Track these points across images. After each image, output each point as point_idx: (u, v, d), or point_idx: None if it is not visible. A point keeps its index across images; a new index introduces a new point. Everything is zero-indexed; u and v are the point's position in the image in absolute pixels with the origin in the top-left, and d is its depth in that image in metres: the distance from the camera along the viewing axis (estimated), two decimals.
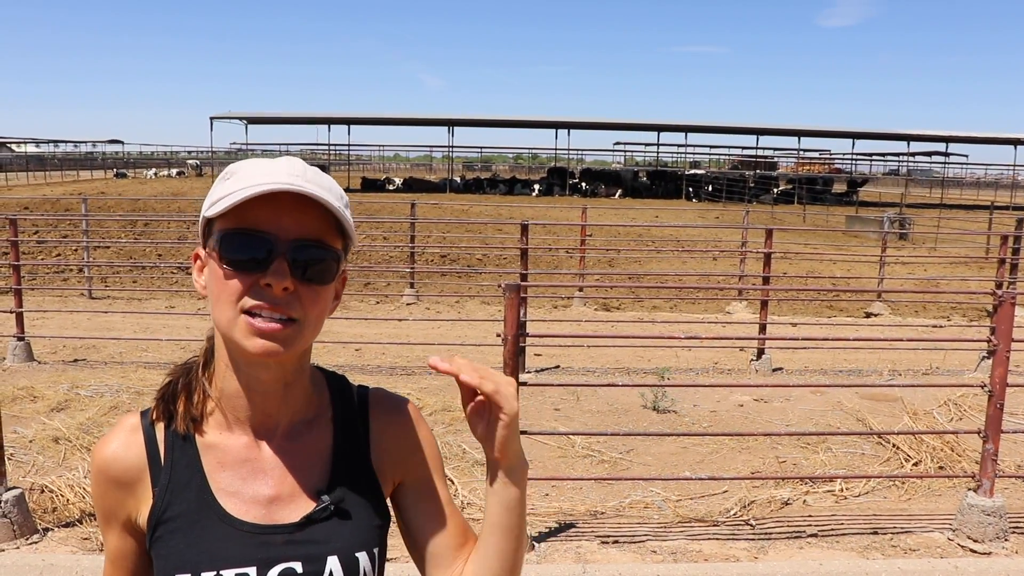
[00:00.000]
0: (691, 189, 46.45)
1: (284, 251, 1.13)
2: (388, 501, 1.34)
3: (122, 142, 71.79)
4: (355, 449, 1.31)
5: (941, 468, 6.17)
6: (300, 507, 1.24)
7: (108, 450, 1.25)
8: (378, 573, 1.28)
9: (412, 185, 47.73)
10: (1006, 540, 4.90)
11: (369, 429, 1.34)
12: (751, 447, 6.67)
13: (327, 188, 1.16)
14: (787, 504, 5.53)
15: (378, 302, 13.57)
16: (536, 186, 47.77)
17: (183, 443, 1.24)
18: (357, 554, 1.24)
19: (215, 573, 1.18)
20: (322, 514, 1.24)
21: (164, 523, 1.21)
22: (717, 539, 4.99)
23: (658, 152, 61.38)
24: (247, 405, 1.24)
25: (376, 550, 1.27)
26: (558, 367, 9.50)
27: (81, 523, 4.94)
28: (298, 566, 1.21)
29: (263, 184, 1.11)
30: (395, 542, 1.34)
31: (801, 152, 57.18)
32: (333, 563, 1.22)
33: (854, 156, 60.56)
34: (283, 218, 1.14)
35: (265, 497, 1.23)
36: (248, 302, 1.13)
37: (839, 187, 50.49)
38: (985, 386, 4.94)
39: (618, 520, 5.25)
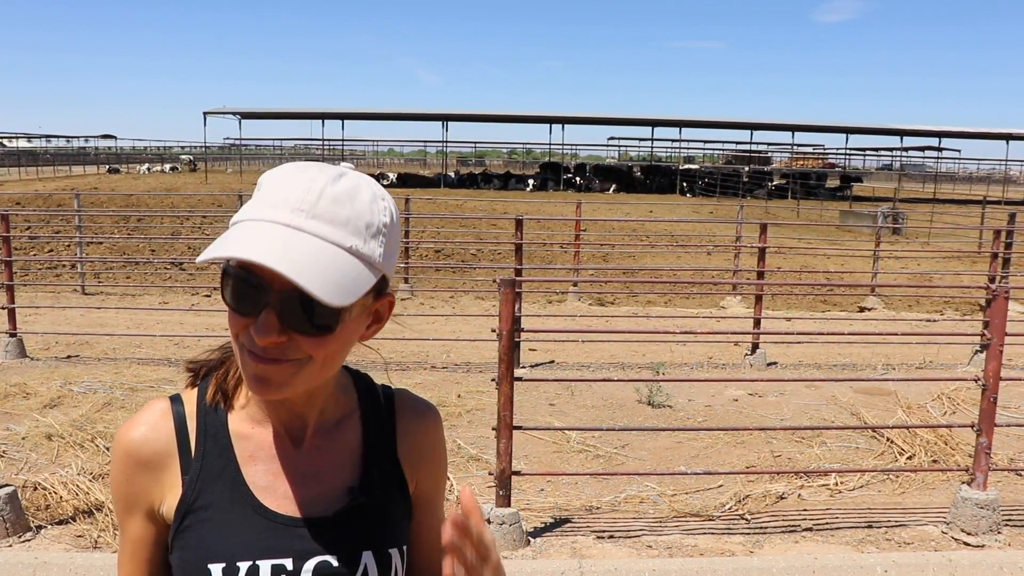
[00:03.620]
0: (685, 184, 46.50)
1: (273, 302, 1.04)
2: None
3: (115, 137, 71.57)
4: (385, 446, 1.30)
5: (935, 462, 6.19)
6: (334, 503, 1.23)
7: (137, 432, 1.22)
8: (404, 569, 1.28)
9: (406, 180, 47.68)
10: (999, 533, 4.92)
11: (395, 429, 1.33)
12: (746, 441, 6.68)
13: (343, 222, 1.04)
14: (782, 498, 5.54)
15: None
16: (530, 181, 47.76)
17: (215, 432, 1.22)
18: (390, 550, 1.24)
19: (251, 563, 1.16)
20: (355, 510, 1.23)
21: (194, 512, 1.19)
22: (712, 533, 4.99)
23: (652, 147, 61.47)
24: (273, 411, 1.22)
25: (405, 548, 1.28)
26: (553, 362, 9.50)
27: (74, 520, 4.92)
28: (333, 560, 1.19)
29: (243, 245, 1.00)
30: None
31: (795, 147, 57.28)
32: (368, 558, 1.21)
33: (848, 151, 60.68)
34: None
35: (298, 493, 1.22)
36: (245, 341, 1.09)
37: (833, 182, 50.58)
38: (979, 380, 4.95)
39: (614, 515, 5.25)
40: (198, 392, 1.26)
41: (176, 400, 1.26)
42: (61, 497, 5.14)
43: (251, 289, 1.04)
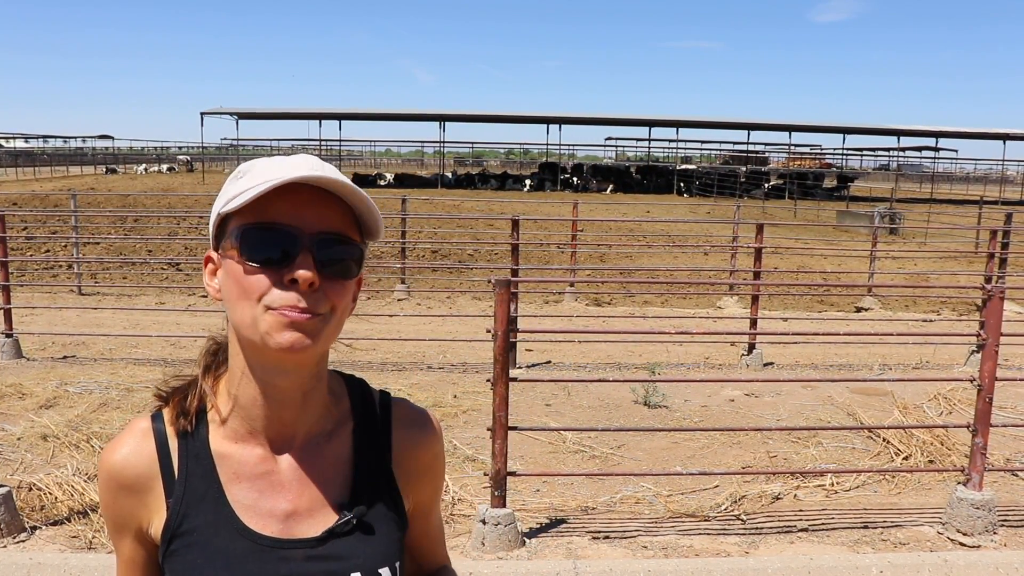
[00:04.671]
0: (682, 184, 46.52)
1: (308, 245, 1.10)
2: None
3: (112, 137, 71.40)
4: (377, 460, 1.27)
5: (931, 462, 6.19)
6: (320, 521, 1.20)
7: (118, 455, 1.20)
8: None
9: (403, 180, 47.68)
10: (995, 533, 4.92)
11: (391, 441, 1.30)
12: (742, 442, 6.68)
13: (345, 179, 1.13)
14: (778, 499, 5.54)
15: (369, 298, 13.53)
16: (528, 181, 47.76)
17: (197, 452, 1.20)
18: (380, 569, 1.20)
19: None
20: (343, 528, 1.19)
21: (180, 536, 1.17)
22: (708, 534, 4.99)
23: (649, 147, 61.52)
24: (263, 415, 1.18)
25: (398, 564, 1.24)
26: (549, 362, 9.49)
27: (69, 521, 4.91)
28: None
29: (284, 176, 1.08)
30: None
31: (792, 147, 57.32)
32: None
33: (845, 151, 60.73)
34: (305, 211, 1.11)
35: (283, 512, 1.19)
36: (274, 299, 1.09)
37: (830, 182, 50.62)
38: (974, 380, 4.95)
39: (609, 516, 5.24)
40: None
41: (157, 418, 1.23)
42: (56, 498, 5.13)
43: (282, 238, 1.10)
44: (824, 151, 64.87)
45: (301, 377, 1.17)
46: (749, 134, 53.64)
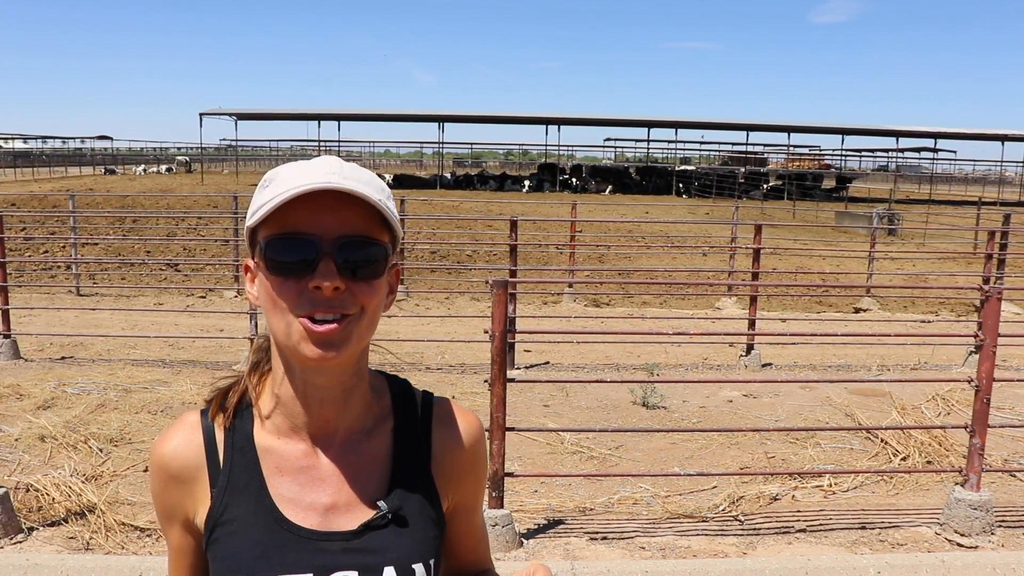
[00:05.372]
0: (681, 185, 46.52)
1: (329, 251, 1.12)
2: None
3: (111, 138, 71.35)
4: (415, 458, 1.30)
5: (929, 463, 6.19)
6: (358, 515, 1.23)
7: (168, 446, 1.25)
8: None
9: (403, 181, 47.61)
10: (992, 534, 4.92)
11: (431, 441, 1.32)
12: (740, 443, 6.68)
13: (366, 182, 1.15)
14: (776, 499, 5.54)
15: None
16: (526, 182, 47.74)
17: (242, 445, 1.24)
18: (414, 565, 1.23)
19: None
20: (380, 522, 1.22)
21: (221, 525, 1.21)
22: (706, 535, 4.99)
23: (648, 148, 61.53)
24: (304, 412, 1.22)
25: (432, 561, 1.26)
26: (548, 363, 9.49)
27: (66, 522, 4.90)
28: (354, 575, 1.20)
29: (299, 185, 1.10)
30: None
31: (791, 148, 57.33)
32: (390, 573, 1.21)
33: (844, 152, 60.75)
34: (324, 217, 1.13)
35: (323, 505, 1.22)
36: (301, 307, 1.12)
37: (828, 183, 50.61)
38: (972, 381, 4.96)
39: (607, 516, 5.24)
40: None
41: (207, 413, 1.28)
42: (53, 499, 5.12)
43: (303, 246, 1.13)
44: (823, 152, 64.92)
45: (341, 376, 1.21)
46: (748, 135, 53.66)
